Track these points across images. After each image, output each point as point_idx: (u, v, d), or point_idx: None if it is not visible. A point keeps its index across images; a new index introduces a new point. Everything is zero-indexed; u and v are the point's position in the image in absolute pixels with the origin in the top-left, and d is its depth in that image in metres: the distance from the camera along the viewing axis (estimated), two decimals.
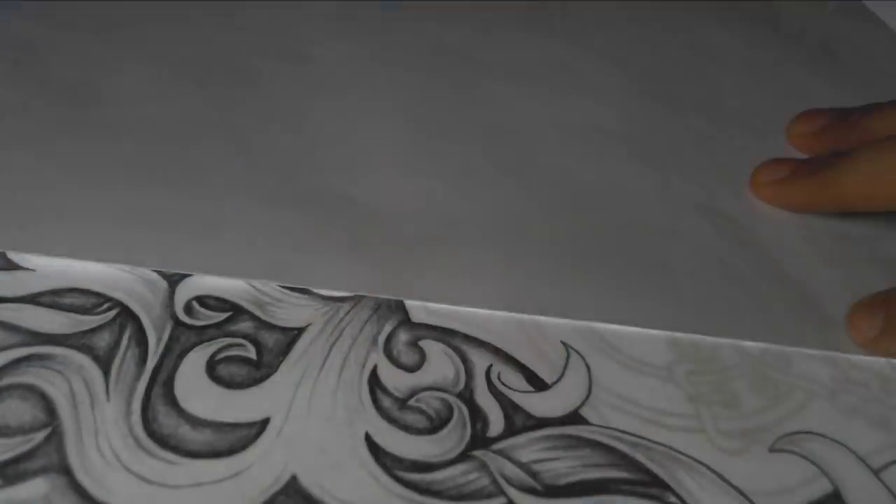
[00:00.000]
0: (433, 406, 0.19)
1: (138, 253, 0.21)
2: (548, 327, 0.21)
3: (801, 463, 0.19)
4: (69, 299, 0.20)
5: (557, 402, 0.20)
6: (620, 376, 0.20)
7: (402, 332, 0.21)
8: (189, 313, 0.20)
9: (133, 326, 0.20)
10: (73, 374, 0.19)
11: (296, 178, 0.24)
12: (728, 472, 0.18)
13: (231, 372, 0.19)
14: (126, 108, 0.25)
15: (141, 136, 0.24)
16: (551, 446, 0.19)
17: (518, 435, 0.19)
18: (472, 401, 0.19)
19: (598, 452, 0.19)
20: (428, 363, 0.20)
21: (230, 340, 0.20)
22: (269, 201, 0.23)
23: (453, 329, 0.21)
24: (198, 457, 0.17)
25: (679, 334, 0.21)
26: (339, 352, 0.20)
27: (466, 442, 0.18)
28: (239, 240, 0.22)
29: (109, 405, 0.18)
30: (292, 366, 0.19)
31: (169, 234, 0.22)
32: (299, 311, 0.21)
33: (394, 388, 0.19)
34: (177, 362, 0.19)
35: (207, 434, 0.18)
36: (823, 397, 0.20)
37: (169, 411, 0.18)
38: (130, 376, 0.19)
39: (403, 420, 0.19)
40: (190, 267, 0.21)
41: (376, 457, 0.18)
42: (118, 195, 0.22)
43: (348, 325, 0.21)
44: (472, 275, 0.22)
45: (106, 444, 0.17)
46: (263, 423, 0.18)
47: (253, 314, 0.21)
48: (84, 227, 0.21)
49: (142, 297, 0.21)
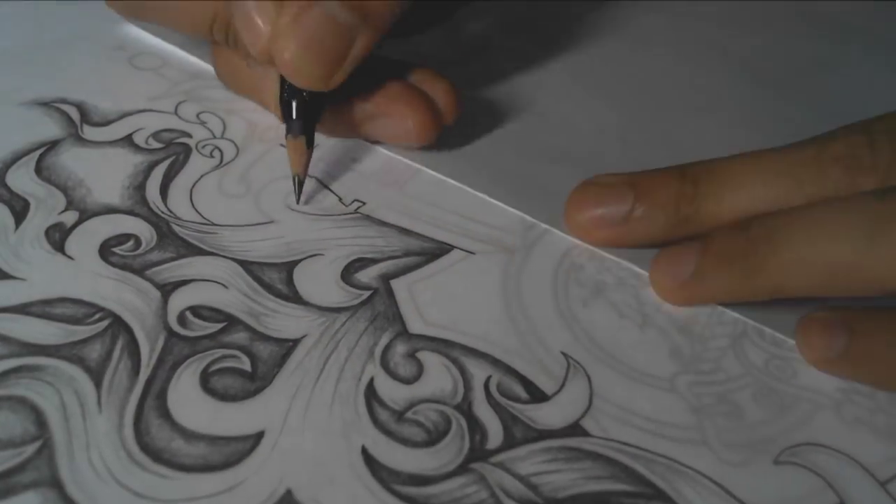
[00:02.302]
0: (431, 418, 0.19)
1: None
2: (548, 338, 0.21)
3: (807, 475, 0.19)
4: (60, 309, 0.20)
5: (557, 413, 0.20)
6: (622, 387, 0.20)
7: (399, 344, 0.21)
8: (182, 324, 0.20)
9: (125, 337, 0.20)
10: (65, 386, 0.19)
11: None
12: (732, 485, 0.19)
13: (225, 384, 0.19)
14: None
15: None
16: (551, 458, 0.19)
17: (517, 447, 0.19)
18: (471, 413, 0.19)
19: (599, 465, 0.19)
20: (426, 375, 0.20)
21: (224, 352, 0.20)
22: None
23: (451, 340, 0.21)
24: (191, 471, 0.17)
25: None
26: (336, 363, 0.20)
27: (465, 454, 0.18)
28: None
29: (101, 418, 0.18)
30: (287, 378, 0.20)
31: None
32: (294, 321, 0.21)
33: (391, 401, 0.19)
34: (170, 374, 0.19)
35: (201, 447, 0.18)
36: (829, 408, 0.21)
37: (162, 424, 0.18)
38: (123, 388, 0.19)
39: (401, 433, 0.19)
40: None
41: (373, 470, 0.18)
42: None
43: (344, 337, 0.21)
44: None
45: (98, 457, 0.17)
46: (258, 437, 0.18)
47: (247, 325, 0.21)
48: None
49: (134, 307, 0.21)
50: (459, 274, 0.23)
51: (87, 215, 0.23)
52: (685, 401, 0.20)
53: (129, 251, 0.22)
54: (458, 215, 0.25)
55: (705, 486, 0.18)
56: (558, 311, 0.22)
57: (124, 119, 0.27)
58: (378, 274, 0.23)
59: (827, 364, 0.21)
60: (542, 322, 0.22)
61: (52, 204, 0.24)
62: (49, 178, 0.24)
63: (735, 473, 0.19)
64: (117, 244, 0.23)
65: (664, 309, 0.23)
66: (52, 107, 0.27)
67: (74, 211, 0.23)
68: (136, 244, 0.23)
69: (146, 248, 0.23)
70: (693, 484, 0.18)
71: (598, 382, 0.21)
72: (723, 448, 0.19)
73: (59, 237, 0.23)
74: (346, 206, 0.25)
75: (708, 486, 0.18)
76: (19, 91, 0.28)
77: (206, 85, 0.29)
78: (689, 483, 0.19)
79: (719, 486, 0.19)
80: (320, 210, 0.25)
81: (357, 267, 0.23)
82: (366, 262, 0.23)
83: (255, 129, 0.28)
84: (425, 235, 0.24)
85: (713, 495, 0.18)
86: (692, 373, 0.21)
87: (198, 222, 0.24)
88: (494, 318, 0.22)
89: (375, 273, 0.23)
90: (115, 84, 0.29)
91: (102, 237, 0.23)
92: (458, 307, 0.22)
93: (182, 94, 0.29)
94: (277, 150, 0.27)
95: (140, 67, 0.30)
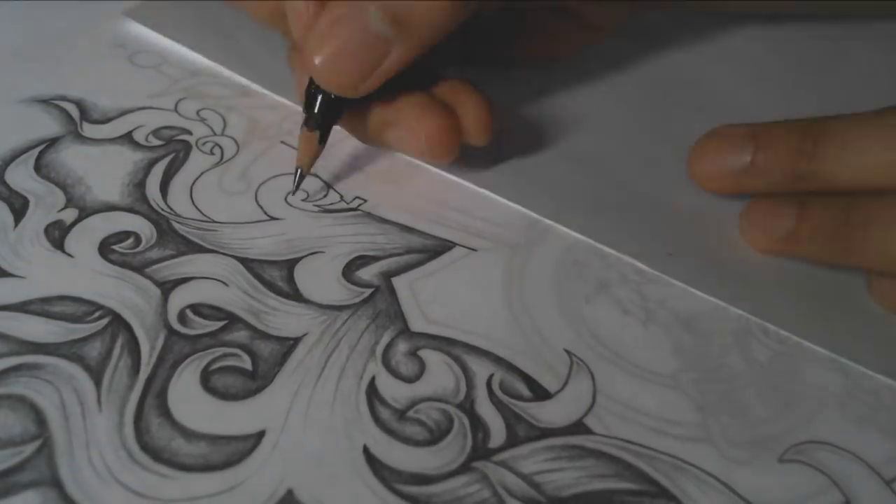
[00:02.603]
0: (433, 417, 0.19)
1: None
2: (551, 335, 0.21)
3: (812, 473, 0.19)
4: (59, 307, 0.20)
5: (561, 411, 0.20)
6: (625, 384, 0.20)
7: (400, 342, 0.21)
8: (183, 322, 0.20)
9: (125, 335, 0.20)
10: (64, 385, 0.19)
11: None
12: (736, 483, 0.19)
13: (226, 383, 0.19)
14: None
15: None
16: (554, 457, 0.19)
17: (520, 446, 0.19)
18: (473, 411, 0.19)
19: (602, 463, 0.19)
20: (427, 373, 0.20)
21: (225, 350, 0.20)
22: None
23: (453, 338, 0.21)
24: (192, 470, 0.17)
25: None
26: (337, 362, 0.20)
27: (467, 453, 0.18)
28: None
29: (101, 416, 0.18)
30: (288, 376, 0.20)
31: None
32: (295, 320, 0.21)
33: (392, 399, 0.19)
34: (170, 373, 0.19)
35: (202, 447, 0.18)
36: (834, 406, 0.20)
37: (162, 423, 0.18)
38: (123, 387, 0.19)
39: (402, 432, 0.19)
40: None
41: (374, 469, 0.18)
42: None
43: (346, 335, 0.21)
44: None
45: (98, 456, 0.17)
46: (259, 436, 0.18)
47: (248, 323, 0.21)
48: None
49: (134, 305, 0.21)
50: (461, 271, 0.23)
51: (87, 213, 0.23)
52: (689, 398, 0.20)
53: (128, 249, 0.22)
54: (460, 212, 0.25)
55: (710, 484, 0.18)
56: (561, 308, 0.22)
57: (124, 116, 0.27)
58: (379, 271, 0.23)
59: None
60: (545, 319, 0.22)
61: (51, 201, 0.24)
62: (48, 176, 0.24)
63: (739, 471, 0.19)
64: (117, 242, 0.23)
65: (668, 305, 0.23)
66: (52, 104, 0.27)
67: (74, 208, 0.23)
68: (135, 242, 0.23)
69: (146, 246, 0.23)
70: (697, 482, 0.18)
71: (601, 380, 0.20)
72: (727, 446, 0.19)
73: (58, 235, 0.23)
74: (348, 203, 0.25)
75: (712, 484, 0.18)
76: (18, 88, 0.28)
77: (207, 82, 0.29)
78: (693, 481, 0.18)
79: (724, 485, 0.18)
80: (320, 207, 0.25)
81: (358, 264, 0.23)
82: (367, 260, 0.23)
83: (256, 126, 0.28)
84: (427, 232, 0.24)
85: (717, 493, 0.18)
86: (696, 370, 0.21)
87: (198, 219, 0.24)
88: (497, 315, 0.22)
89: (377, 270, 0.23)
90: (115, 81, 0.29)
91: (102, 235, 0.23)
92: (461, 305, 0.22)
93: (182, 92, 0.29)
94: (278, 146, 0.27)
95: (140, 65, 0.30)
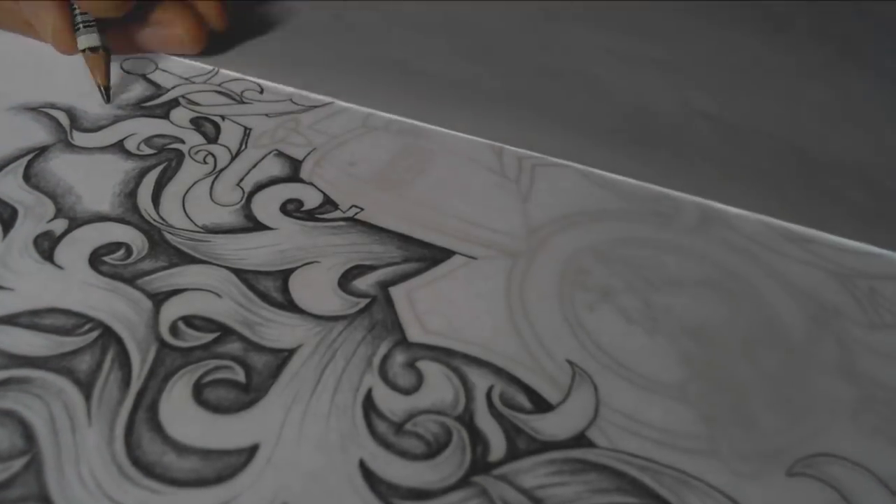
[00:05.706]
0: (431, 430, 0.19)
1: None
2: (553, 345, 0.21)
3: (821, 487, 0.19)
4: (49, 320, 0.21)
5: (562, 423, 0.20)
6: (630, 396, 0.20)
7: (398, 353, 0.21)
8: (175, 334, 0.21)
9: (116, 348, 0.20)
10: (53, 399, 0.19)
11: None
12: (743, 498, 0.19)
13: (219, 396, 0.19)
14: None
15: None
16: (556, 471, 0.19)
17: (521, 459, 0.19)
18: (473, 424, 0.19)
19: (605, 477, 0.19)
20: (425, 385, 0.20)
21: (218, 363, 0.20)
22: None
23: (452, 349, 0.21)
24: (184, 485, 0.18)
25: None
26: (333, 374, 0.20)
27: (466, 467, 0.19)
28: None
29: (91, 431, 0.18)
30: (283, 389, 0.20)
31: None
32: (290, 331, 0.21)
33: (389, 412, 0.20)
34: (162, 386, 0.19)
35: (194, 461, 0.18)
36: (845, 417, 0.21)
37: (153, 437, 0.18)
38: (113, 400, 0.19)
39: (400, 445, 0.19)
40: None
41: (371, 484, 0.18)
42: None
43: (342, 346, 0.21)
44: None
45: (87, 472, 0.18)
46: (252, 450, 0.18)
47: (241, 335, 0.21)
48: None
49: (125, 317, 0.21)
50: (460, 280, 0.23)
51: (77, 223, 0.24)
52: (696, 409, 0.20)
53: (119, 260, 0.23)
54: (459, 220, 0.25)
55: (716, 499, 0.18)
56: (563, 318, 0.22)
57: (115, 125, 0.28)
58: (376, 281, 0.23)
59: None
60: (547, 329, 0.22)
61: (40, 212, 0.24)
62: (38, 185, 0.25)
63: (747, 486, 0.19)
64: (108, 253, 0.23)
65: (674, 313, 0.23)
66: (41, 112, 0.28)
67: (64, 219, 0.24)
68: (127, 253, 0.23)
69: (137, 257, 0.23)
70: (703, 497, 0.18)
71: (604, 391, 0.21)
72: (734, 459, 0.19)
73: (48, 246, 0.23)
74: (344, 211, 0.25)
75: (719, 500, 0.18)
76: (6, 96, 0.28)
77: (199, 90, 0.30)
78: (699, 496, 0.19)
79: (730, 500, 0.18)
80: (315, 216, 0.25)
81: (354, 274, 0.23)
82: (363, 269, 0.23)
83: (250, 134, 0.28)
84: (425, 241, 0.24)
85: None
86: (703, 380, 0.21)
87: (190, 230, 0.24)
88: (497, 325, 0.22)
89: (373, 280, 0.23)
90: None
91: (93, 246, 0.23)
92: (459, 314, 0.22)
93: (175, 100, 0.29)
94: (272, 156, 0.27)
95: (131, 72, 0.30)
